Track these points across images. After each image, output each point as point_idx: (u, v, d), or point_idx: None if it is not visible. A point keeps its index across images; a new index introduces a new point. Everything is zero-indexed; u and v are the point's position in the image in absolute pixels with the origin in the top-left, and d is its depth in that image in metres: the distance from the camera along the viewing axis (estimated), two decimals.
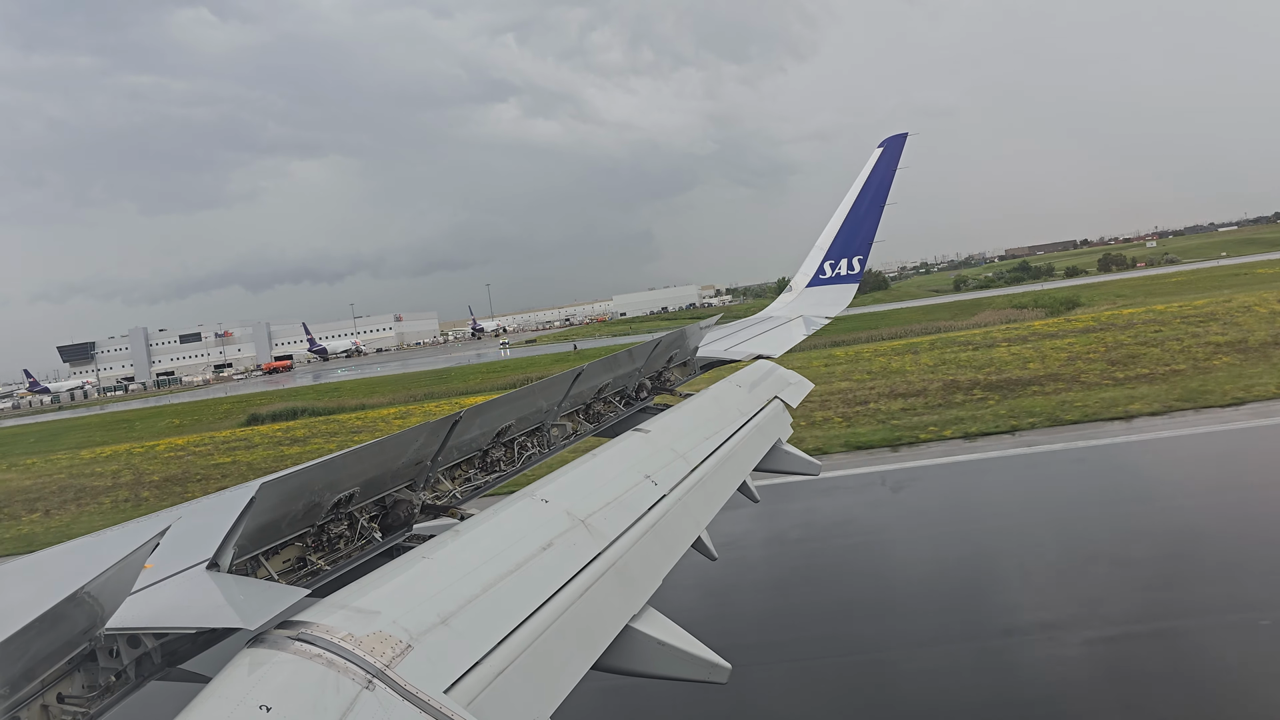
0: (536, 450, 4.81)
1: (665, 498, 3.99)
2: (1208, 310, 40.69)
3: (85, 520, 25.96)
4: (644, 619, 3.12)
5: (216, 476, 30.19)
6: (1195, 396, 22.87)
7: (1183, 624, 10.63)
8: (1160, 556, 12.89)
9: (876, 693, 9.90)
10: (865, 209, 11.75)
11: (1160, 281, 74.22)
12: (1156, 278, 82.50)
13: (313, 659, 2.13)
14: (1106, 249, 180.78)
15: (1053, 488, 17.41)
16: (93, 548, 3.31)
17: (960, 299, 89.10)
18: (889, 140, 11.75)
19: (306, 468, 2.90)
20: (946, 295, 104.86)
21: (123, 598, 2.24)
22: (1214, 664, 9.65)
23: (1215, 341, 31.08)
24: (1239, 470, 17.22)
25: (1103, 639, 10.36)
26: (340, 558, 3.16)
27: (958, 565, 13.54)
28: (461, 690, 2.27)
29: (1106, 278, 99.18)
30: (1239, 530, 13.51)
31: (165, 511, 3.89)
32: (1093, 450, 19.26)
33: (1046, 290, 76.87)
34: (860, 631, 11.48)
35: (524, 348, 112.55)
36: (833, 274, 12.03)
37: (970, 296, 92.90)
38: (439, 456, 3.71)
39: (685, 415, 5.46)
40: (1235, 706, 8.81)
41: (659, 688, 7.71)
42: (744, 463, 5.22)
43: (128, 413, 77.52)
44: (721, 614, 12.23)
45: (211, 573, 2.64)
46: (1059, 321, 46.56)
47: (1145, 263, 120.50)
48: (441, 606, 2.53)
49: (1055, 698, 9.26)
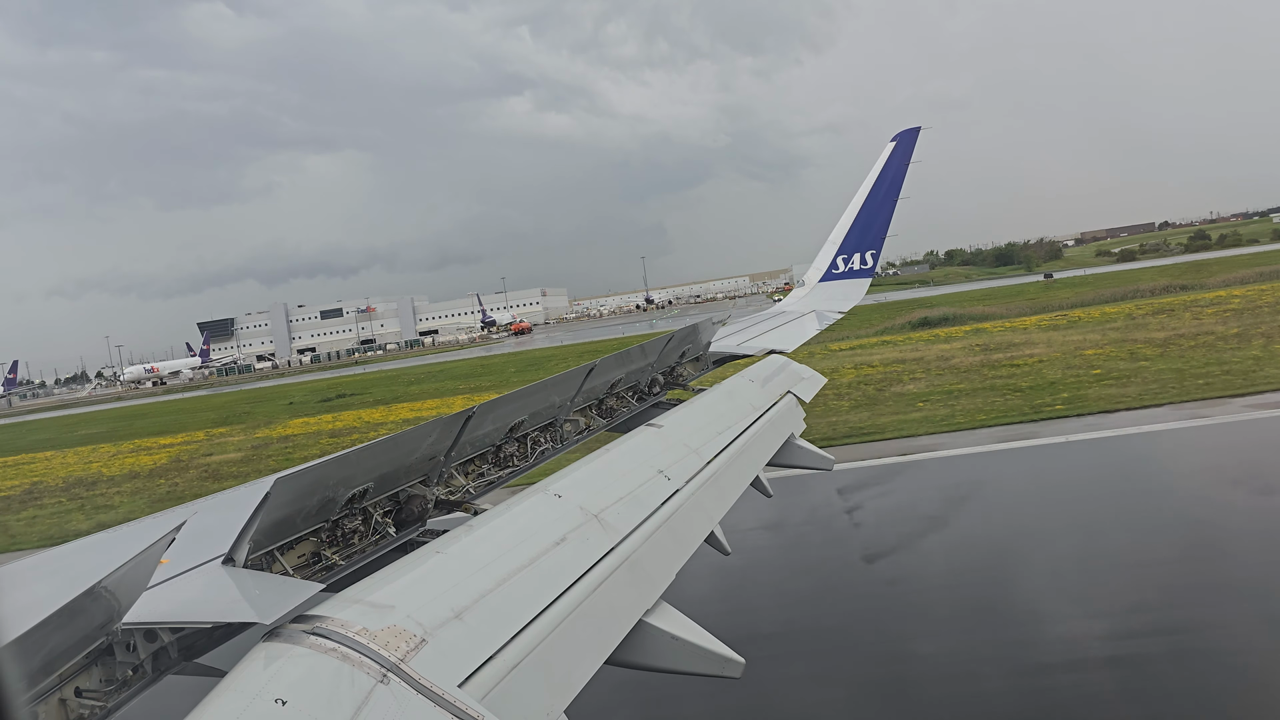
0: (550, 445, 4.81)
1: (678, 493, 3.98)
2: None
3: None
4: (657, 614, 3.11)
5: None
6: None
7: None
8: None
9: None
10: (879, 203, 11.67)
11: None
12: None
13: (328, 653, 2.14)
14: (1188, 230, 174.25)
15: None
16: (109, 543, 3.34)
17: (1184, 260, 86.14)
18: (902, 134, 11.66)
19: (321, 463, 2.91)
20: (1129, 263, 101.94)
21: (139, 593, 2.25)
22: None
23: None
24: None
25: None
26: (355, 553, 3.17)
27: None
28: (476, 684, 2.27)
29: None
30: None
31: (181, 507, 3.92)
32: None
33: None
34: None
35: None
36: (846, 268, 11.97)
37: (1191, 259, 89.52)
38: (452, 452, 3.71)
39: (698, 410, 5.45)
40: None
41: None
42: (757, 458, 5.20)
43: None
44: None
45: (227, 568, 2.65)
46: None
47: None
48: (455, 601, 2.53)
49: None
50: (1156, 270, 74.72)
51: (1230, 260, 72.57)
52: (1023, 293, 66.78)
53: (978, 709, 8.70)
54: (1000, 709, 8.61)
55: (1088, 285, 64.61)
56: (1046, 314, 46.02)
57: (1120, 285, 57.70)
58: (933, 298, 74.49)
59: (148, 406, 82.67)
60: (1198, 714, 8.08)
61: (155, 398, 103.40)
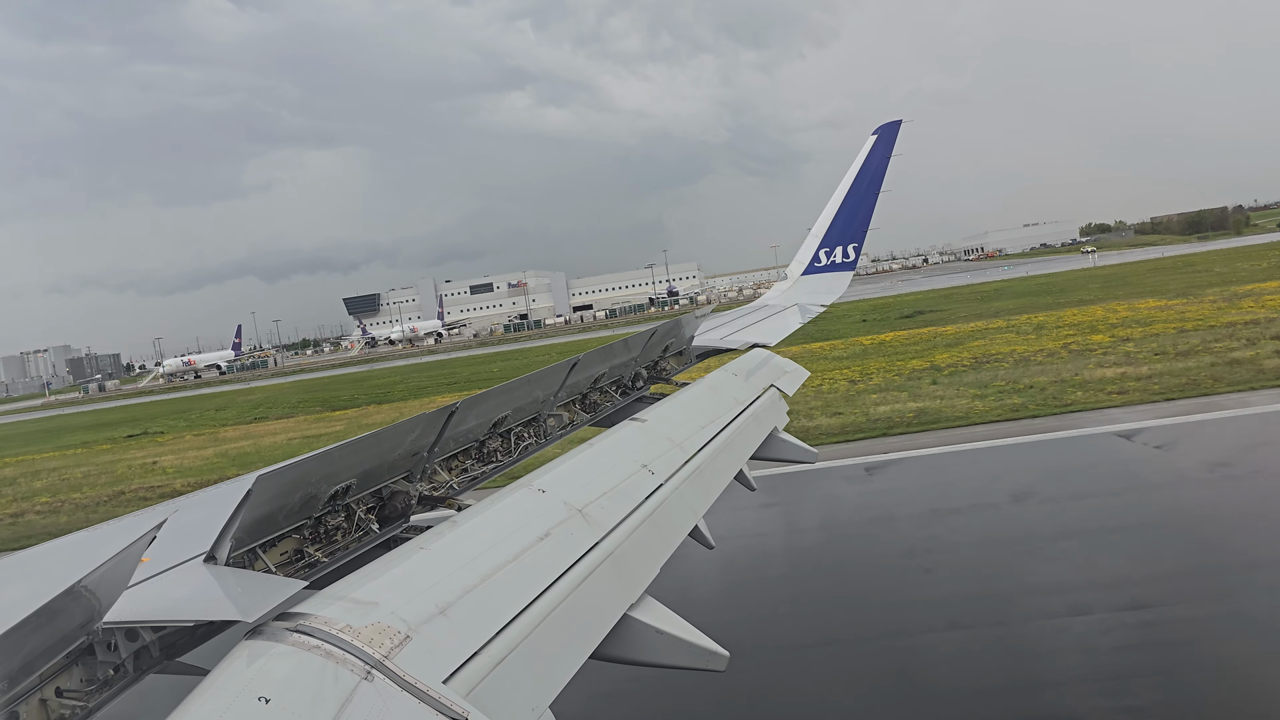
0: (533, 441, 4.81)
1: (662, 487, 4.00)
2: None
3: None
4: (642, 608, 3.13)
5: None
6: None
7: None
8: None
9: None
10: (860, 196, 11.71)
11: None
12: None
13: (311, 650, 2.13)
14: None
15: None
16: (89, 542, 3.30)
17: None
18: (884, 127, 11.70)
19: (303, 460, 2.90)
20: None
21: (120, 591, 2.23)
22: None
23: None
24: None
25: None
26: (338, 549, 3.16)
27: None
28: (460, 680, 2.28)
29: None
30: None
31: (162, 505, 3.89)
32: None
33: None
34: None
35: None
36: (828, 261, 12.01)
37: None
38: (435, 447, 3.70)
39: (682, 404, 5.47)
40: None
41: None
42: (741, 451, 5.23)
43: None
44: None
45: (209, 565, 2.64)
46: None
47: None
48: (439, 597, 2.53)
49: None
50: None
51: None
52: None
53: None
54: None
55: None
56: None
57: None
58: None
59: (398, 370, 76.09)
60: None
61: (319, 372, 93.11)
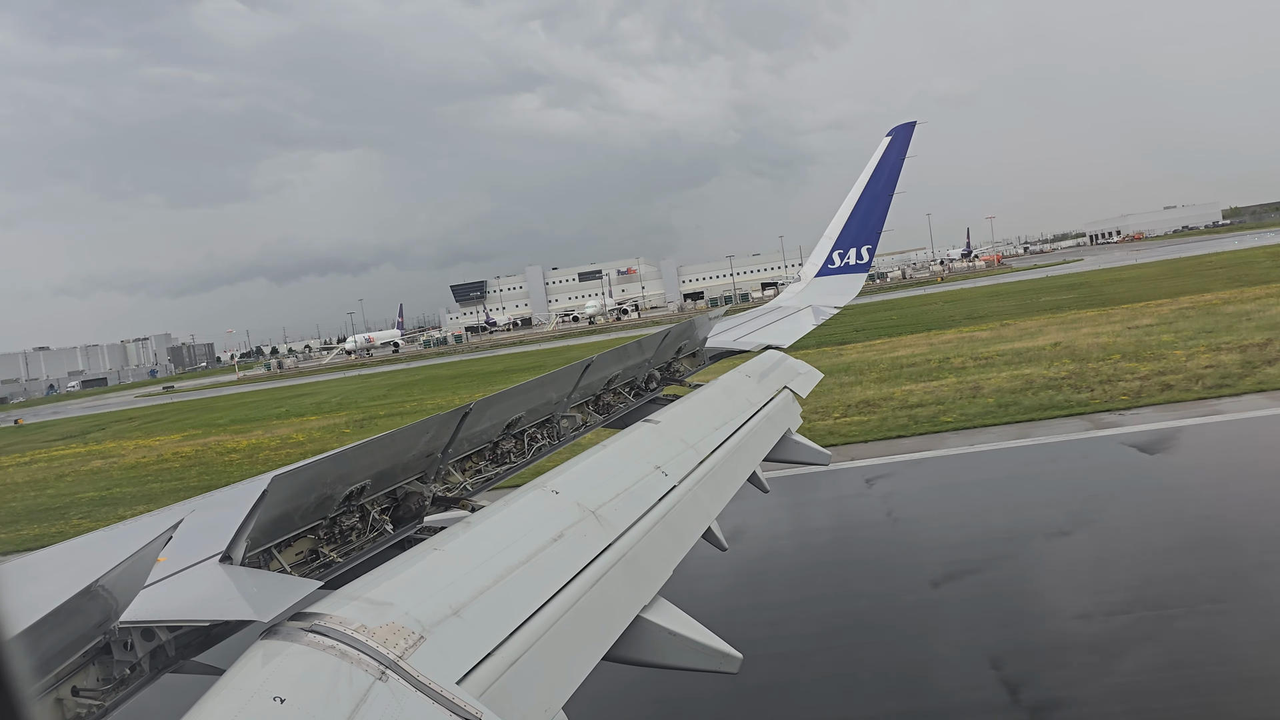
0: (547, 442, 4.81)
1: (675, 489, 3.99)
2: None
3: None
4: (655, 609, 3.12)
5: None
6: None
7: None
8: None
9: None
10: (875, 197, 11.65)
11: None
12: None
13: (326, 650, 2.14)
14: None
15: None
16: (106, 542, 3.33)
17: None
18: (898, 128, 11.64)
19: (318, 460, 2.91)
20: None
21: (136, 591, 2.24)
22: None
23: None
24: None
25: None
26: (352, 550, 3.17)
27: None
28: (474, 681, 2.28)
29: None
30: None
31: (178, 505, 3.91)
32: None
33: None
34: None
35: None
36: (841, 263, 11.96)
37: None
38: (449, 448, 3.71)
39: (695, 406, 5.45)
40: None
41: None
42: (754, 453, 5.21)
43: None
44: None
45: (224, 566, 2.65)
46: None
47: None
48: (453, 598, 2.53)
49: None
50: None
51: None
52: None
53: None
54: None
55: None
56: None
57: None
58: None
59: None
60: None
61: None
